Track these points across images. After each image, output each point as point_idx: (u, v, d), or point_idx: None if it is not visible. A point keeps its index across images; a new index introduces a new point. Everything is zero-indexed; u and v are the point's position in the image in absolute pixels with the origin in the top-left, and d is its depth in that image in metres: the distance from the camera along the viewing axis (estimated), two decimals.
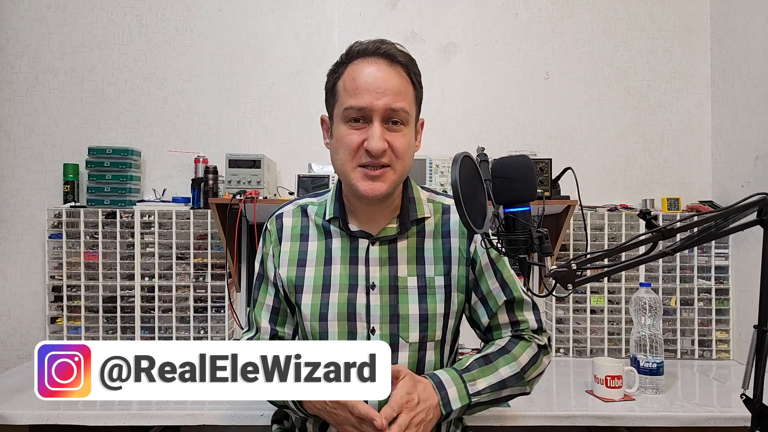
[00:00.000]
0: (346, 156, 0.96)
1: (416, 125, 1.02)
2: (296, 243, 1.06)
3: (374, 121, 0.93)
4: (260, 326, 1.08)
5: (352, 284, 1.01)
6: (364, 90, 0.93)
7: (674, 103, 2.08)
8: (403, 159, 0.96)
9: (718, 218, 0.74)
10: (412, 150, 1.00)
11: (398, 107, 0.93)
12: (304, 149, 2.05)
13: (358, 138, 0.94)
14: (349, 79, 0.95)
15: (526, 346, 1.03)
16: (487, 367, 0.99)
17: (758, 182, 1.79)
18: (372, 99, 0.92)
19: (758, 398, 0.72)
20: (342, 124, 0.96)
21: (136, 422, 1.37)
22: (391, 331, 0.99)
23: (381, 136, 0.92)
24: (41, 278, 1.98)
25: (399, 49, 0.96)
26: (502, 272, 1.05)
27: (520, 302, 1.05)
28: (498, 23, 2.09)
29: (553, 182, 1.78)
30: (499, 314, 1.05)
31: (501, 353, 1.01)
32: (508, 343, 1.03)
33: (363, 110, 0.93)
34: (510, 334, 1.06)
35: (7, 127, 2.03)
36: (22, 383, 1.58)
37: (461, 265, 1.04)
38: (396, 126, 0.95)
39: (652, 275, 1.95)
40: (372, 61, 0.95)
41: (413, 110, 0.98)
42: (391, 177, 0.96)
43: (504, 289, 1.04)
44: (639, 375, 1.51)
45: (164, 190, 2.04)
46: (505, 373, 0.99)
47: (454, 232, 1.05)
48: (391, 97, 0.93)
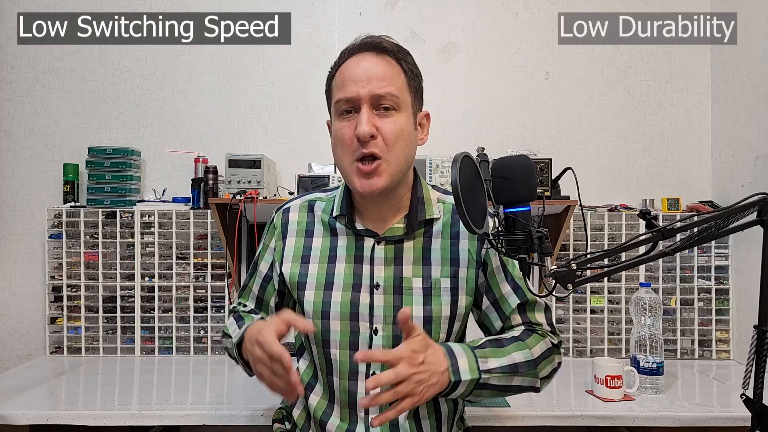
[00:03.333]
0: (342, 151, 0.96)
1: (415, 115, 1.00)
2: (301, 239, 1.06)
3: (362, 108, 0.93)
4: (246, 304, 1.14)
5: (356, 283, 1.00)
6: (350, 81, 0.93)
7: (674, 103, 2.08)
8: (395, 148, 0.94)
9: (718, 218, 0.74)
10: (409, 139, 0.97)
11: (384, 92, 0.92)
12: (304, 149, 2.05)
13: (349, 129, 0.94)
14: (339, 75, 0.97)
15: (540, 339, 1.00)
16: (499, 350, 0.95)
17: (758, 182, 1.79)
18: (358, 88, 0.92)
19: (758, 398, 0.72)
20: (336, 120, 0.97)
21: (136, 422, 1.37)
22: (395, 332, 0.98)
23: (368, 121, 0.92)
24: (41, 278, 1.98)
25: (386, 39, 0.97)
26: (512, 274, 1.03)
27: (532, 304, 1.03)
28: (498, 23, 2.09)
29: (553, 182, 1.78)
30: (512, 317, 1.03)
31: (514, 340, 0.98)
32: (522, 333, 1.00)
33: (351, 100, 0.93)
34: (523, 328, 1.03)
35: (7, 127, 2.03)
36: (22, 383, 1.58)
37: (470, 267, 1.02)
38: (386, 112, 0.94)
39: (652, 275, 1.95)
40: (360, 56, 0.96)
41: (406, 96, 0.97)
42: (386, 170, 0.94)
43: (516, 291, 1.02)
44: (639, 375, 1.51)
45: (164, 190, 2.04)
46: (518, 357, 0.94)
47: (464, 233, 1.03)
48: (377, 83, 0.92)
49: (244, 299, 1.14)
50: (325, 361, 1.01)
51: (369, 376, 0.98)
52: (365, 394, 0.94)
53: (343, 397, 1.00)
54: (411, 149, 0.98)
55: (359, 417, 0.99)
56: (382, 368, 0.97)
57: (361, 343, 0.98)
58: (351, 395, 0.99)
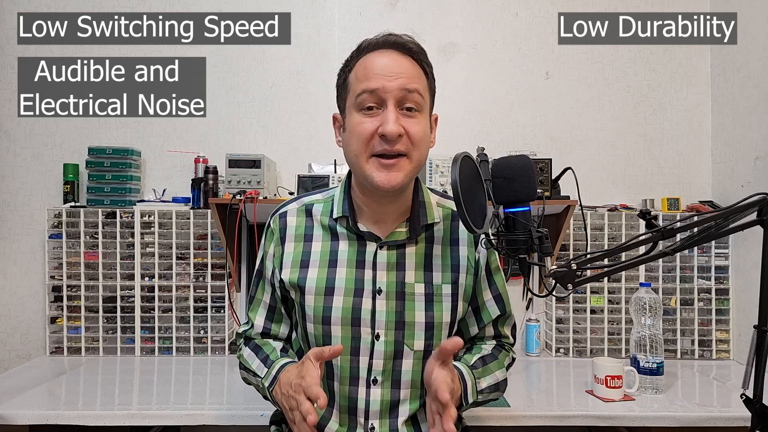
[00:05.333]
0: (359, 146, 0.92)
1: (431, 117, 0.99)
2: (300, 244, 1.04)
3: (388, 105, 0.90)
4: (254, 323, 1.09)
5: (358, 288, 0.99)
6: (376, 74, 0.90)
7: (674, 103, 2.08)
8: (420, 148, 0.93)
9: (718, 218, 0.74)
10: (428, 141, 0.96)
11: (413, 88, 0.90)
12: (304, 149, 2.05)
13: (371, 125, 0.90)
14: (361, 68, 0.93)
15: (506, 356, 1.08)
16: (485, 369, 1.00)
17: (758, 182, 1.79)
18: (385, 81, 0.89)
19: (758, 398, 0.72)
20: (355, 113, 0.93)
21: (136, 422, 1.37)
22: (396, 338, 0.98)
23: (396, 120, 0.89)
24: (41, 278, 1.98)
25: (410, 39, 0.95)
26: (497, 285, 1.06)
27: (507, 318, 1.09)
28: (498, 23, 2.09)
29: (553, 182, 1.79)
30: (486, 327, 1.08)
31: (493, 358, 1.04)
32: (494, 350, 1.07)
33: (376, 92, 0.90)
34: (494, 343, 1.09)
35: (7, 127, 2.03)
36: (22, 383, 1.58)
37: (468, 274, 1.02)
38: (411, 112, 0.91)
39: (652, 275, 1.95)
40: (383, 52, 0.93)
41: (427, 98, 0.95)
42: (407, 167, 0.92)
43: (498, 303, 1.06)
44: (639, 375, 1.51)
45: (164, 190, 2.04)
46: (499, 376, 1.02)
47: (463, 240, 1.03)
48: (405, 79, 0.90)
49: (253, 314, 1.09)
50: (326, 366, 0.99)
51: (370, 383, 0.98)
52: (365, 400, 0.97)
53: (343, 402, 0.99)
54: (428, 151, 0.97)
55: (359, 423, 0.98)
56: (383, 374, 0.98)
57: (363, 349, 0.98)
58: (351, 401, 0.98)
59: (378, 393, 0.98)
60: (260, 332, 1.08)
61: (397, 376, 0.98)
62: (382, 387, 0.98)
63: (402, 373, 0.98)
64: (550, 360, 1.91)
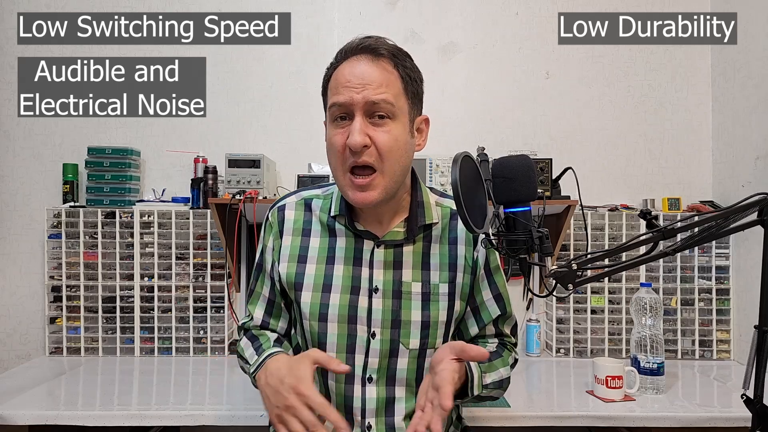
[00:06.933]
0: (335, 160, 0.93)
1: (412, 121, 0.96)
2: (298, 238, 1.03)
3: (356, 116, 0.90)
4: (254, 315, 1.09)
5: (355, 286, 0.99)
6: (344, 86, 0.90)
7: (674, 103, 2.08)
8: (389, 159, 0.91)
9: (719, 218, 0.74)
10: (405, 148, 0.94)
11: (378, 99, 0.89)
12: (304, 149, 2.05)
13: (342, 138, 0.91)
14: (333, 81, 0.93)
15: (509, 354, 1.08)
16: (490, 365, 0.99)
17: (758, 182, 1.79)
18: (353, 93, 0.89)
19: (759, 398, 0.72)
20: (330, 125, 0.94)
21: (136, 422, 1.37)
22: (392, 337, 0.98)
23: (361, 130, 0.89)
24: (41, 278, 1.98)
25: (384, 42, 0.94)
26: (498, 285, 1.06)
27: (508, 317, 1.08)
28: (498, 23, 2.09)
29: (554, 182, 1.78)
30: (488, 326, 1.07)
31: (498, 356, 1.03)
32: (498, 348, 1.07)
33: (344, 106, 0.90)
34: (497, 341, 1.09)
35: (7, 127, 2.03)
36: (22, 383, 1.58)
37: (466, 273, 1.02)
38: (381, 120, 0.90)
39: (652, 275, 1.94)
40: (356, 58, 0.92)
41: (402, 103, 0.93)
42: (381, 183, 0.91)
43: (498, 302, 1.06)
44: (639, 375, 1.51)
45: (164, 190, 2.04)
46: (503, 373, 1.01)
47: (461, 239, 1.03)
48: (371, 90, 0.89)
49: (253, 306, 1.09)
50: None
51: (365, 380, 0.98)
52: (361, 398, 0.97)
53: (339, 400, 0.99)
54: (406, 158, 0.95)
55: (356, 421, 0.98)
56: (378, 372, 0.97)
57: (358, 347, 0.97)
58: (347, 399, 0.98)
59: (373, 391, 0.98)
60: (259, 325, 1.09)
61: (393, 374, 0.98)
62: (377, 385, 0.98)
63: (397, 372, 0.98)
64: (551, 360, 1.91)
